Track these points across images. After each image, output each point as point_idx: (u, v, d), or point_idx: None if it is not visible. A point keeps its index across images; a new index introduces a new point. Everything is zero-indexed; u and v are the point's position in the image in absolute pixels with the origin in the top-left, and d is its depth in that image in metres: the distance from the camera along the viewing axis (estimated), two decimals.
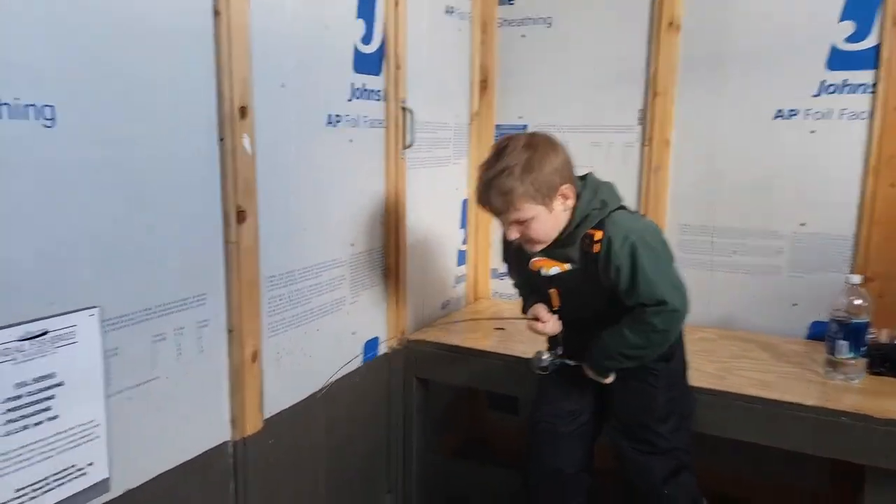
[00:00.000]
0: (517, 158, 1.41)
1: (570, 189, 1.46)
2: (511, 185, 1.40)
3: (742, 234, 2.24)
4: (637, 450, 1.59)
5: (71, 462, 1.10)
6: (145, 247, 1.26)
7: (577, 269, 1.50)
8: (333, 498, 1.92)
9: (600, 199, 1.49)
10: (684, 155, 2.29)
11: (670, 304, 1.42)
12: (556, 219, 1.47)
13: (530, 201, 1.42)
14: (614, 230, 1.44)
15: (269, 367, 1.60)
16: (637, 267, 1.42)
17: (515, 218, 1.44)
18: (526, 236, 1.48)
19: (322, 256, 1.78)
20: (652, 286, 1.42)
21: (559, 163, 1.45)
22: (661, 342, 1.48)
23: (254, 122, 1.47)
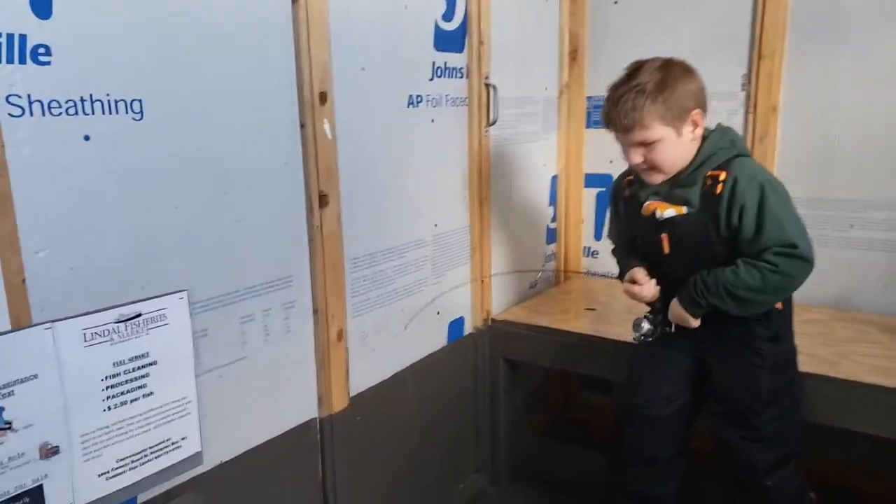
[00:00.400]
0: (651, 77, 1.37)
1: (702, 116, 1.41)
2: (641, 103, 1.35)
3: (860, 207, 2.04)
4: (739, 436, 1.50)
5: (167, 436, 1.17)
6: (231, 232, 1.30)
7: (693, 214, 1.42)
8: (420, 475, 1.95)
9: (729, 139, 1.43)
10: (794, 121, 2.12)
11: (801, 249, 1.33)
12: (684, 147, 1.41)
13: (659, 121, 1.36)
14: (741, 170, 1.38)
15: (355, 347, 1.63)
16: (765, 206, 1.34)
17: (642, 138, 1.39)
18: (650, 161, 1.42)
19: (405, 238, 1.79)
20: (781, 227, 1.33)
21: (695, 87, 1.40)
22: (778, 287, 1.36)
23: (334, 107, 1.48)
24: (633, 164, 1.45)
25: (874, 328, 1.88)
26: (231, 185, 1.29)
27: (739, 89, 2.21)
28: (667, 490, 1.68)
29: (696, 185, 1.42)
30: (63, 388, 1.00)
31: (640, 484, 1.69)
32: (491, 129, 2.10)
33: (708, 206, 1.40)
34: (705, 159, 1.41)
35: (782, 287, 1.36)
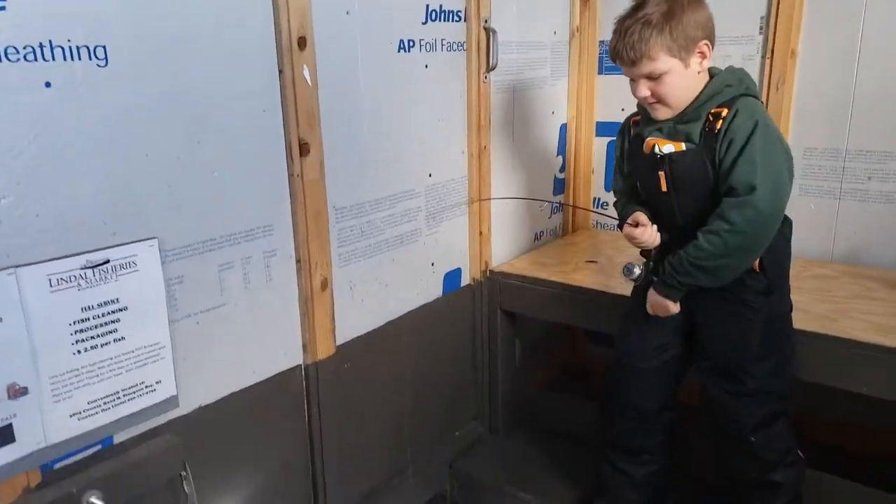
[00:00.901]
0: (657, 7, 1.33)
1: (709, 47, 1.37)
2: (648, 34, 1.32)
3: (882, 158, 1.95)
4: (726, 390, 1.48)
5: (139, 379, 1.20)
6: (206, 180, 1.30)
7: (692, 151, 1.39)
8: (415, 422, 1.97)
9: (737, 77, 1.39)
10: (813, 67, 2.01)
11: (756, 197, 1.29)
12: (691, 79, 1.38)
13: (666, 52, 1.34)
14: (744, 108, 1.35)
15: (342, 296, 1.64)
16: (749, 144, 1.30)
17: (649, 70, 1.36)
18: (657, 94, 1.39)
19: (396, 188, 1.77)
20: (751, 169, 1.30)
21: (703, 17, 1.36)
22: (737, 249, 1.33)
23: (314, 53, 1.45)
24: (639, 97, 1.41)
25: (882, 284, 1.81)
26: (206, 133, 1.28)
27: (758, 32, 2.10)
28: (654, 442, 1.68)
29: (699, 122, 1.38)
30: (29, 331, 1.03)
31: (627, 436, 1.69)
32: (492, 75, 2.04)
33: (707, 144, 1.36)
34: (711, 96, 1.37)
35: (745, 247, 1.32)
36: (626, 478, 1.71)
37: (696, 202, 1.40)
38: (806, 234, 2.10)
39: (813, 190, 2.07)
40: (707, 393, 1.51)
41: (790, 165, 1.36)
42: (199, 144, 1.27)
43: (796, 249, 2.07)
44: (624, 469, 1.71)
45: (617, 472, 1.72)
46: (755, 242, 1.33)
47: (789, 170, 1.35)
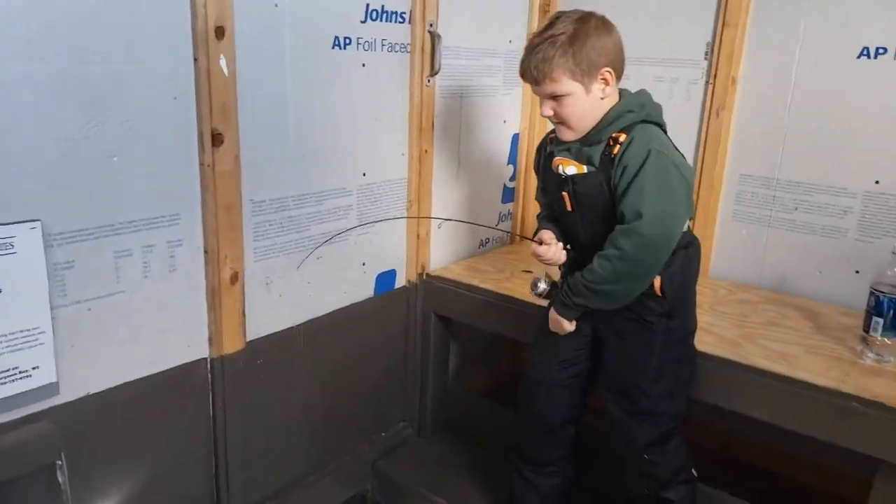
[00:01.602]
0: (564, 29, 1.35)
1: (613, 75, 1.38)
2: (552, 54, 1.34)
3: (808, 190, 1.97)
4: (622, 408, 1.50)
5: (13, 364, 1.18)
6: (105, 165, 1.29)
7: (591, 174, 1.41)
8: (337, 420, 1.97)
9: (639, 102, 1.41)
10: (752, 96, 2.03)
11: (641, 224, 1.30)
12: (592, 104, 1.39)
13: (569, 75, 1.35)
14: (641, 135, 1.36)
15: (255, 291, 1.63)
16: (641, 172, 1.32)
17: (551, 91, 1.38)
18: (559, 115, 1.41)
19: (323, 185, 1.76)
20: (639, 196, 1.31)
21: (608, 44, 1.37)
22: (628, 276, 1.34)
23: (234, 43, 1.44)
24: (544, 115, 1.44)
25: (799, 313, 1.83)
26: (105, 117, 1.27)
27: (703, 58, 2.12)
28: (558, 455, 1.69)
29: (600, 145, 1.40)
30: None
31: (532, 447, 1.71)
32: (438, 79, 2.04)
33: (605, 167, 1.38)
34: (613, 120, 1.38)
35: (634, 274, 1.34)
36: (533, 488, 1.73)
37: (597, 223, 1.42)
38: (737, 259, 2.12)
39: (745, 216, 2.09)
40: (605, 409, 1.52)
41: (687, 191, 1.37)
42: (97, 127, 1.25)
43: (727, 273, 2.13)
44: (531, 479, 1.73)
45: (524, 481, 1.74)
46: (644, 269, 1.34)
47: (685, 200, 1.36)
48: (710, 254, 2.15)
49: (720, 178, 2.11)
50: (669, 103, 2.16)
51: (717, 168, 2.09)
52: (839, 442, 1.40)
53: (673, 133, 2.16)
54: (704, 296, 1.94)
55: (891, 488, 1.37)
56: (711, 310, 1.85)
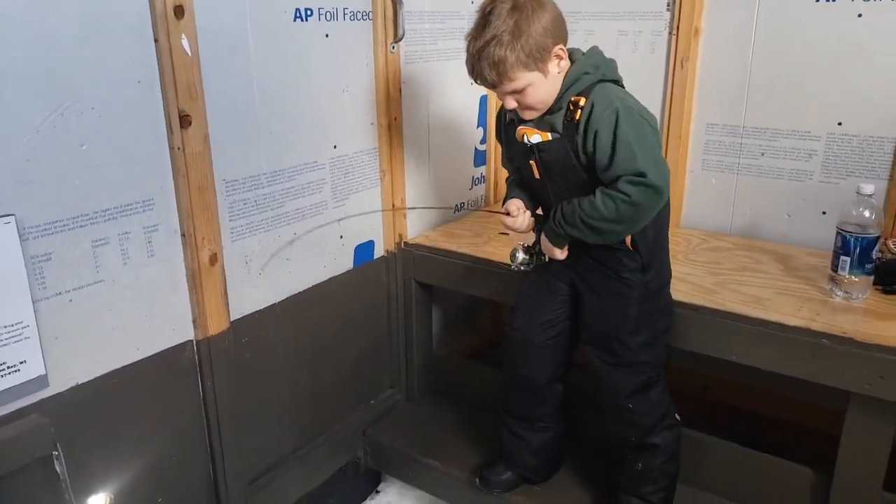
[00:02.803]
0: (505, 24, 1.31)
1: (563, 49, 1.38)
2: (502, 55, 1.31)
3: (773, 135, 2.01)
4: (604, 361, 1.54)
5: (1, 360, 1.18)
6: (74, 154, 1.27)
7: (556, 140, 1.41)
8: (325, 394, 2.00)
9: (593, 63, 1.40)
10: (715, 45, 2.05)
11: (650, 178, 1.31)
12: (553, 82, 1.39)
13: (523, 69, 1.34)
14: (599, 97, 1.35)
15: (236, 270, 1.63)
16: (618, 133, 1.32)
17: (512, 88, 1.37)
18: (523, 104, 1.41)
19: (294, 160, 1.75)
20: (632, 155, 1.31)
21: (549, 21, 1.34)
22: (630, 218, 1.35)
23: (194, 22, 1.41)
24: (509, 109, 1.43)
25: (769, 257, 1.88)
26: (70, 105, 1.24)
27: (665, 9, 2.12)
28: (547, 412, 1.74)
29: (561, 112, 1.40)
30: None
31: (520, 405, 1.75)
32: (403, 45, 2.03)
33: (568, 133, 1.38)
34: (569, 85, 1.38)
35: (634, 218, 1.35)
36: (524, 443, 1.78)
37: (569, 189, 1.43)
38: (708, 207, 2.17)
39: (714, 165, 2.13)
40: (588, 364, 1.57)
41: (659, 142, 1.39)
42: (63, 116, 1.23)
43: (699, 222, 2.18)
44: (521, 434, 1.77)
45: (515, 437, 1.79)
46: (644, 216, 1.35)
47: (659, 143, 1.39)
48: (681, 204, 2.19)
49: (687, 128, 2.14)
50: (634, 56, 2.20)
51: (684, 119, 2.12)
52: (813, 378, 1.46)
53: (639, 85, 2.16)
54: (678, 245, 1.99)
55: (861, 418, 1.44)
56: (686, 259, 1.90)
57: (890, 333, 1.41)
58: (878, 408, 1.41)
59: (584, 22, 2.30)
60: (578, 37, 2.31)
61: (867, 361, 1.38)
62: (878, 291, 1.59)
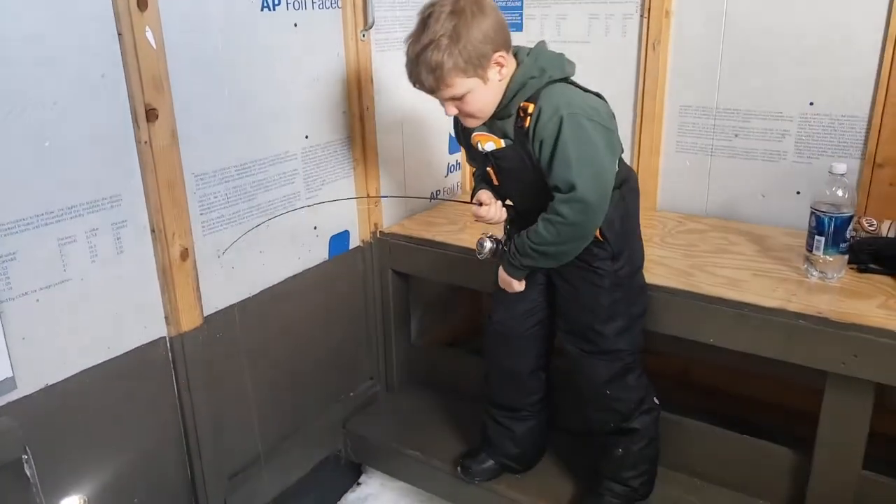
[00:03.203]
0: (443, 28, 1.28)
1: (505, 56, 1.35)
2: (439, 60, 1.29)
3: (746, 116, 2.02)
4: (581, 349, 1.54)
5: None
6: (36, 151, 1.23)
7: (510, 147, 1.40)
8: (303, 387, 1.98)
9: (539, 66, 1.36)
10: (686, 27, 2.05)
11: (579, 192, 1.30)
12: (493, 90, 1.37)
13: (461, 75, 1.31)
14: (546, 102, 1.33)
15: (208, 265, 1.60)
16: (558, 142, 1.30)
17: (450, 95, 1.35)
18: (463, 111, 1.39)
19: (265, 151, 1.72)
20: (566, 167, 1.31)
21: (489, 27, 1.31)
22: (573, 237, 1.36)
23: (158, 14, 1.37)
24: (449, 115, 1.41)
25: (745, 238, 1.90)
26: (31, 101, 1.21)
27: None
28: (530, 401, 1.74)
29: (510, 118, 1.38)
30: None
31: (502, 395, 1.75)
32: (373, 33, 2.00)
33: (520, 139, 1.37)
34: (516, 91, 1.36)
35: (576, 236, 1.36)
36: (507, 431, 1.78)
37: (527, 192, 1.43)
38: (683, 190, 2.18)
39: (688, 147, 2.13)
40: (566, 352, 1.57)
41: (609, 142, 1.35)
42: (24, 113, 1.20)
43: (675, 204, 2.19)
44: (504, 423, 1.77)
45: (498, 425, 1.79)
46: (588, 228, 1.36)
47: (609, 146, 1.35)
48: (656, 187, 2.20)
49: (661, 110, 2.14)
50: (606, 39, 2.20)
51: (657, 101, 2.12)
52: (790, 359, 1.48)
53: (612, 68, 2.19)
54: (654, 228, 2.00)
55: (838, 397, 1.46)
56: (662, 242, 1.90)
57: (864, 312, 1.42)
58: (854, 387, 1.43)
59: (555, 6, 2.29)
60: (550, 21, 2.30)
61: (842, 341, 1.40)
62: (852, 270, 1.60)
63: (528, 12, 2.34)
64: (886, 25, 1.72)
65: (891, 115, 1.76)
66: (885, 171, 1.80)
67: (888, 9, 1.71)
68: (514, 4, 2.37)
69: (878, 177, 1.81)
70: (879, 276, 1.59)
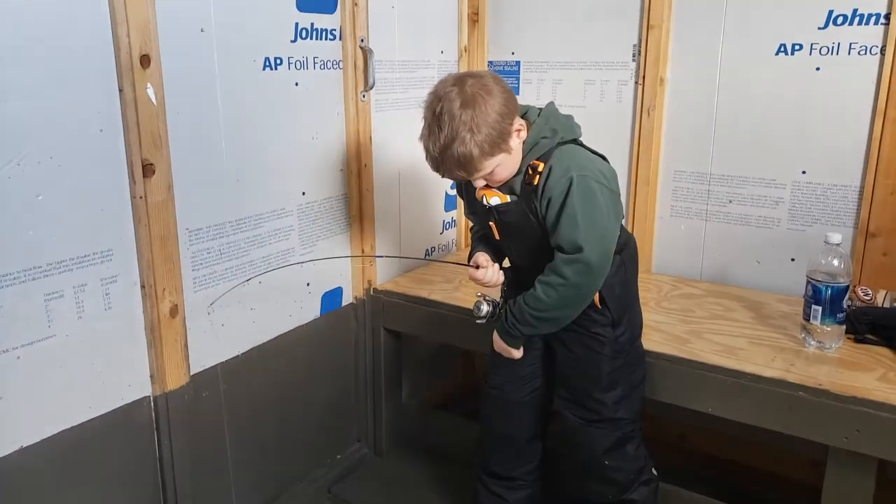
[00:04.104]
0: (460, 122, 1.28)
1: (520, 125, 1.36)
2: (466, 153, 1.29)
3: (740, 183, 2.04)
4: (579, 417, 1.51)
5: None
6: (29, 205, 1.22)
7: (515, 203, 1.40)
8: (290, 448, 1.92)
9: (551, 127, 1.38)
10: (680, 95, 2.09)
11: (585, 255, 1.30)
12: (517, 154, 1.38)
13: (489, 156, 1.32)
14: (558, 162, 1.34)
15: (197, 322, 1.57)
16: (567, 202, 1.31)
17: (481, 175, 1.36)
18: (492, 181, 1.40)
19: (261, 207, 1.72)
20: (573, 228, 1.30)
21: (500, 104, 1.32)
22: (573, 300, 1.35)
23: (161, 71, 1.39)
24: (478, 186, 1.41)
25: (740, 304, 1.88)
26: (27, 155, 1.20)
27: (631, 59, 2.16)
28: (526, 469, 1.69)
29: (520, 175, 1.39)
30: None
31: (499, 464, 1.70)
32: (374, 93, 2.02)
33: (526, 196, 1.38)
34: (529, 149, 1.37)
35: (578, 299, 1.35)
36: (501, 501, 1.71)
37: (528, 249, 1.43)
38: (678, 253, 2.18)
39: (682, 211, 2.14)
40: (563, 421, 1.53)
41: (614, 206, 1.36)
42: (19, 167, 1.19)
43: (670, 267, 2.18)
44: (498, 493, 1.71)
45: (492, 495, 1.72)
46: (589, 291, 1.35)
47: (614, 210, 1.36)
48: (651, 250, 2.20)
49: (655, 175, 2.16)
50: (601, 105, 2.23)
51: (651, 166, 2.14)
52: (790, 431, 1.44)
53: (606, 133, 2.21)
54: (650, 292, 1.98)
55: (841, 472, 1.42)
56: (658, 306, 1.89)
57: (865, 385, 1.40)
58: (857, 462, 1.39)
59: (552, 71, 2.33)
60: (547, 86, 2.34)
61: (844, 414, 1.37)
62: (850, 340, 1.59)
63: (525, 77, 2.38)
64: (875, 97, 1.76)
65: (882, 185, 1.78)
66: (878, 241, 1.80)
67: (877, 81, 1.75)
68: (511, 69, 2.41)
69: (871, 246, 1.82)
70: (877, 346, 1.58)
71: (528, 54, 2.39)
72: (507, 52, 2.43)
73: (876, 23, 1.73)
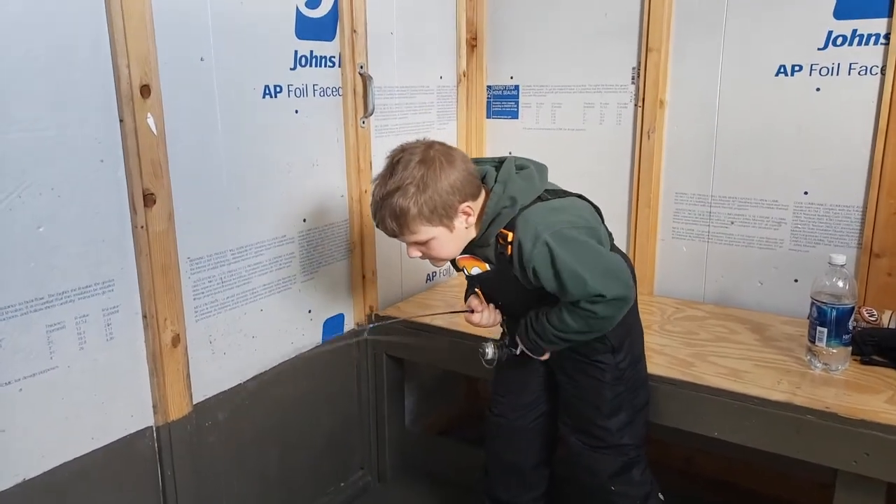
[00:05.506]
0: (411, 176, 1.25)
1: (471, 206, 1.32)
2: (404, 206, 1.25)
3: (741, 204, 2.03)
4: (584, 444, 1.49)
5: None
6: (30, 237, 1.22)
7: (497, 271, 1.39)
8: (294, 476, 1.90)
9: (509, 195, 1.32)
10: (680, 117, 2.09)
11: (609, 296, 1.28)
12: (459, 237, 1.34)
13: (426, 223, 1.28)
14: (524, 231, 1.29)
15: (199, 351, 1.57)
16: (558, 267, 1.27)
17: (414, 240, 1.33)
18: (426, 255, 1.36)
19: (262, 235, 1.72)
20: (582, 283, 1.27)
21: (457, 178, 1.28)
22: (601, 327, 1.34)
23: (161, 101, 1.39)
24: (410, 257, 1.38)
25: (744, 326, 1.87)
26: (28, 187, 1.20)
27: (630, 82, 2.17)
28: (530, 497, 1.68)
29: (489, 246, 1.37)
30: None
31: (503, 491, 1.68)
32: (373, 119, 2.03)
33: (502, 264, 1.36)
34: (490, 221, 1.33)
35: (605, 326, 1.33)
36: None
37: (521, 302, 1.42)
38: (681, 276, 2.17)
39: (684, 233, 2.14)
40: (568, 447, 1.52)
41: (599, 237, 1.35)
42: (20, 199, 1.19)
43: (672, 290, 2.17)
44: None
45: None
46: (615, 320, 1.33)
47: (598, 240, 1.34)
48: (653, 272, 2.19)
49: (656, 197, 2.16)
50: (601, 128, 2.24)
51: (652, 188, 2.14)
52: (798, 455, 1.42)
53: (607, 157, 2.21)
54: (653, 315, 1.97)
55: (851, 495, 1.40)
56: (661, 329, 1.88)
57: (873, 407, 1.39)
58: (866, 485, 1.37)
59: (551, 95, 2.35)
60: (546, 109, 2.35)
61: (852, 438, 1.35)
62: (856, 361, 1.58)
63: (524, 101, 2.40)
64: (876, 117, 1.76)
65: (885, 205, 1.78)
66: (882, 262, 1.80)
67: (877, 101, 1.75)
68: (510, 93, 2.43)
69: (875, 266, 1.81)
70: (883, 368, 1.56)
71: (527, 78, 2.40)
72: (506, 77, 2.45)
73: (876, 43, 1.74)
